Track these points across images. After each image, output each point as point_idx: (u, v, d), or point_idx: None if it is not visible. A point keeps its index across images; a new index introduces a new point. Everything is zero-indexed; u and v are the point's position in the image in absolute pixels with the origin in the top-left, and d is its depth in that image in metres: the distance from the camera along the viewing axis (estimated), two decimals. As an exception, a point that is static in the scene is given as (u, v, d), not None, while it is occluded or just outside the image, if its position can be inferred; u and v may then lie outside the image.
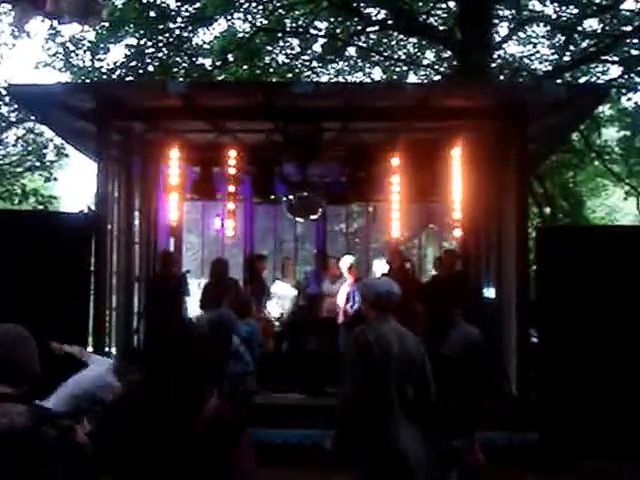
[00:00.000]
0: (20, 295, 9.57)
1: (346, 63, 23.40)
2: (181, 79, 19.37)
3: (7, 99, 19.51)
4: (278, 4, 21.99)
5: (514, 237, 10.29)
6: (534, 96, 9.93)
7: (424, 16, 21.00)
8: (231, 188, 12.64)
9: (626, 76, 20.46)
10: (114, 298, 11.64)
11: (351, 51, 23.16)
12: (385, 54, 22.63)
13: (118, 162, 11.77)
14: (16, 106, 19.39)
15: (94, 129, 10.63)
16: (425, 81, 22.06)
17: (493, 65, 19.12)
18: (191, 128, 11.82)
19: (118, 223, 11.83)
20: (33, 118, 18.36)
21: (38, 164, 22.73)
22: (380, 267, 12.58)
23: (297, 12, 22.15)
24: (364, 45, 22.71)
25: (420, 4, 21.75)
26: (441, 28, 21.05)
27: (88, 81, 19.34)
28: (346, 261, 12.45)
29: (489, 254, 11.94)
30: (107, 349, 10.79)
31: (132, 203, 12.22)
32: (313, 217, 13.35)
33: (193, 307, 11.76)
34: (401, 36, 22.67)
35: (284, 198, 12.83)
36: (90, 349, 10.06)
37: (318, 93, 10.02)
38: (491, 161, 11.55)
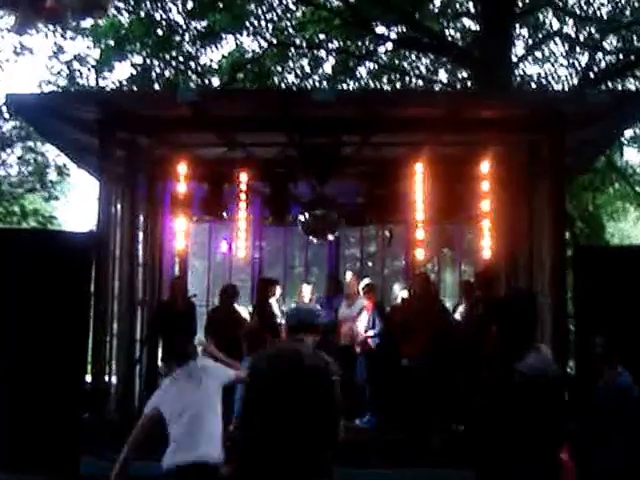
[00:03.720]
0: (14, 319, 9.06)
1: (357, 84, 22.86)
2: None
3: (7, 115, 19.04)
4: (288, 23, 21.55)
5: (549, 258, 9.54)
6: (572, 105, 9.17)
7: (441, 33, 20.51)
8: (241, 207, 12.01)
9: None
10: (115, 324, 10.94)
11: (362, 72, 22.71)
12: (398, 72, 22.07)
13: (122, 179, 11.11)
14: (17, 123, 18.94)
15: (96, 143, 9.96)
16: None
17: (512, 84, 18.51)
18: (199, 142, 11.17)
19: (121, 244, 11.12)
20: (34, 134, 17.87)
21: (39, 185, 22.20)
22: (400, 291, 11.89)
23: (308, 32, 21.61)
24: (376, 64, 22.17)
25: (438, 21, 21.21)
26: (458, 45, 20.55)
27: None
28: (363, 282, 11.81)
29: (518, 277, 11.19)
30: (107, 378, 10.18)
31: (136, 223, 11.57)
32: (330, 237, 12.61)
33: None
34: (413, 56, 22.25)
35: (298, 217, 12.11)
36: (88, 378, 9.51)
37: (338, 101, 9.24)
38: (523, 177, 10.85)
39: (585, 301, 9.30)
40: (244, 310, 11.62)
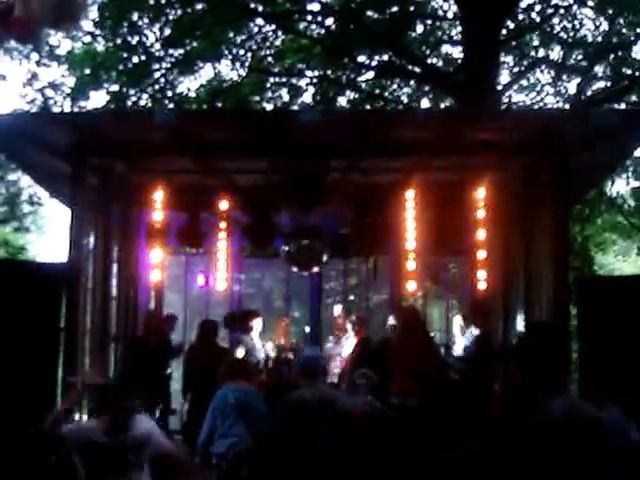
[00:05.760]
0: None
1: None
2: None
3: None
4: (268, 52, 21.21)
5: (551, 291, 9.01)
6: (576, 125, 8.64)
7: (424, 60, 20.21)
8: (220, 237, 11.48)
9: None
10: (87, 360, 10.39)
11: (342, 101, 22.33)
12: (380, 101, 21.69)
13: (95, 207, 10.58)
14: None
15: (68, 169, 9.40)
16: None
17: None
18: (177, 168, 10.66)
19: (93, 276, 10.73)
20: (4, 162, 17.31)
21: (11, 216, 21.67)
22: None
23: (287, 60, 21.25)
24: (357, 93, 21.79)
25: (420, 49, 20.89)
26: (443, 72, 20.26)
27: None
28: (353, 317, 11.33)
29: (513, 310, 10.69)
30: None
31: (110, 254, 11.08)
32: (315, 269, 12.07)
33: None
34: (395, 85, 21.92)
35: (281, 248, 11.58)
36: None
37: (324, 123, 8.70)
38: (520, 204, 10.37)
39: (589, 333, 8.77)
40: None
